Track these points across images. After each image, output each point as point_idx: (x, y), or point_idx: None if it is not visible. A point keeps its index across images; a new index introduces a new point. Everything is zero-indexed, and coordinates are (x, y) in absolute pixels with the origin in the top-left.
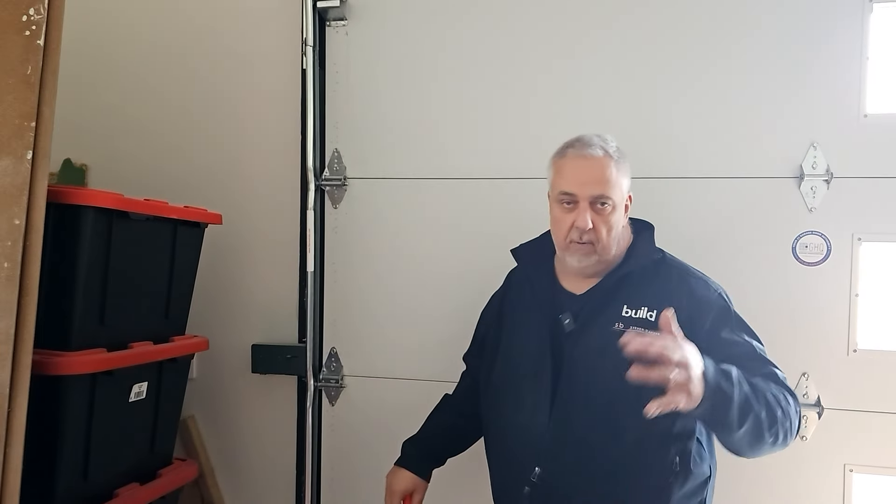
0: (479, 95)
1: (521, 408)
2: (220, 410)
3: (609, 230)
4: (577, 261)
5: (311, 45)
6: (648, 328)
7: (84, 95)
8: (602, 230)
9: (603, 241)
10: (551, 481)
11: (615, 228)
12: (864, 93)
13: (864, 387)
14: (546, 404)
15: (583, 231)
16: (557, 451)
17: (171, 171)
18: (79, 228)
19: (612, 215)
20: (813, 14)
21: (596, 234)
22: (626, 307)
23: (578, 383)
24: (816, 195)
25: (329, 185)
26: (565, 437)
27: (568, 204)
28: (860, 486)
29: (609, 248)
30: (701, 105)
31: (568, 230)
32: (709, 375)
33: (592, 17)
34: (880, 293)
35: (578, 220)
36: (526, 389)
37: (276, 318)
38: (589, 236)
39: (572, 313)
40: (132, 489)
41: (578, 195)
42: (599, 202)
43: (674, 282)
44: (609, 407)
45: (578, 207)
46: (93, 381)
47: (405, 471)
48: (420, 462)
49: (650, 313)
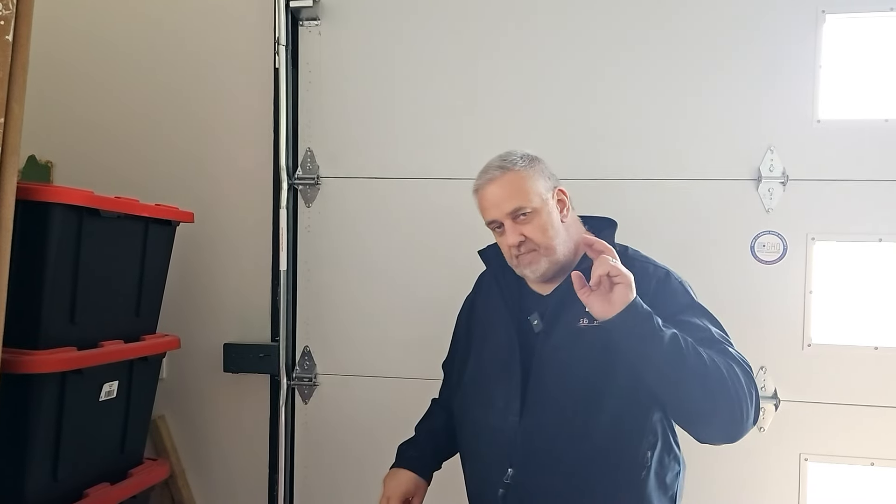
0: (452, 96)
1: (491, 409)
2: (191, 410)
3: (543, 231)
4: (530, 272)
5: (284, 45)
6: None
7: (49, 91)
8: (535, 235)
9: (540, 242)
10: (524, 481)
11: (549, 228)
12: (817, 99)
13: (818, 379)
14: (516, 405)
15: (515, 246)
16: (529, 451)
17: (141, 169)
18: (48, 226)
19: (537, 219)
20: (769, 24)
21: (533, 241)
22: None
23: (547, 382)
24: (773, 197)
25: (302, 183)
26: (536, 436)
27: (498, 228)
28: (815, 475)
29: (552, 248)
30: (662, 109)
31: (509, 250)
32: (640, 302)
33: (555, 23)
34: (833, 290)
35: (508, 239)
36: (496, 391)
37: (249, 316)
38: (525, 247)
39: (540, 314)
40: (102, 489)
41: (498, 217)
42: (519, 214)
43: (637, 274)
44: (579, 404)
45: (505, 228)
46: (62, 381)
47: (407, 472)
48: (422, 462)
49: None
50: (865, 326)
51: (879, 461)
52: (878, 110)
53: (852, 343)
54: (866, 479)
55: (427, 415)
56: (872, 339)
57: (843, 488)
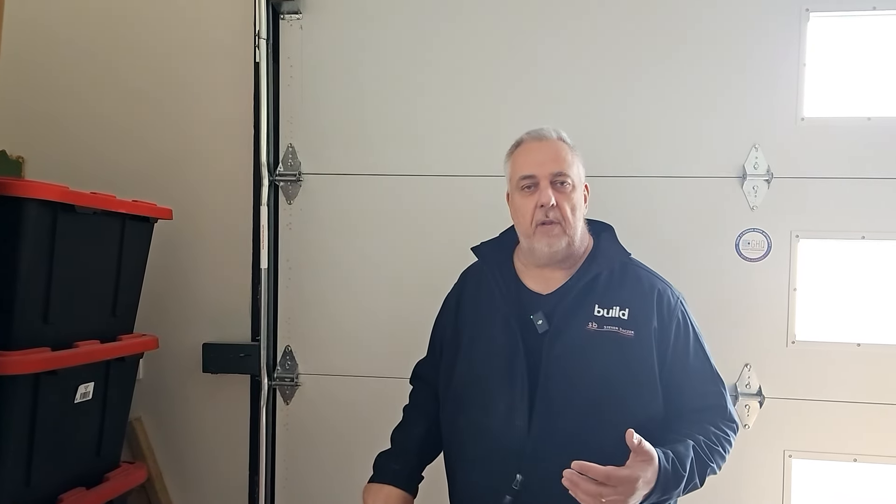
0: (436, 91)
1: (492, 411)
2: (169, 412)
3: (573, 208)
4: (546, 245)
5: (265, 38)
6: (622, 326)
7: (21, 85)
8: (566, 207)
9: (568, 218)
10: (535, 488)
11: (578, 209)
12: (801, 97)
13: (802, 376)
14: (524, 408)
15: (547, 208)
16: (541, 457)
17: (117, 165)
18: (21, 222)
19: (574, 194)
20: (754, 23)
21: (561, 212)
22: (598, 307)
23: (559, 385)
24: (758, 194)
25: (283, 180)
26: (548, 442)
27: (529, 188)
28: (799, 471)
29: (575, 228)
30: (648, 108)
31: (532, 212)
32: (661, 478)
33: (537, 21)
34: (816, 287)
35: (542, 197)
36: (497, 393)
37: (228, 315)
38: (554, 214)
39: (544, 313)
40: (77, 494)
41: (538, 174)
42: (559, 181)
43: (644, 286)
44: (593, 408)
45: (539, 187)
46: (36, 382)
47: (391, 488)
48: (408, 476)
49: (622, 312)
50: (849, 323)
51: (862, 457)
52: (861, 108)
53: (836, 340)
54: (849, 476)
55: (403, 423)
56: (855, 336)
57: (826, 484)
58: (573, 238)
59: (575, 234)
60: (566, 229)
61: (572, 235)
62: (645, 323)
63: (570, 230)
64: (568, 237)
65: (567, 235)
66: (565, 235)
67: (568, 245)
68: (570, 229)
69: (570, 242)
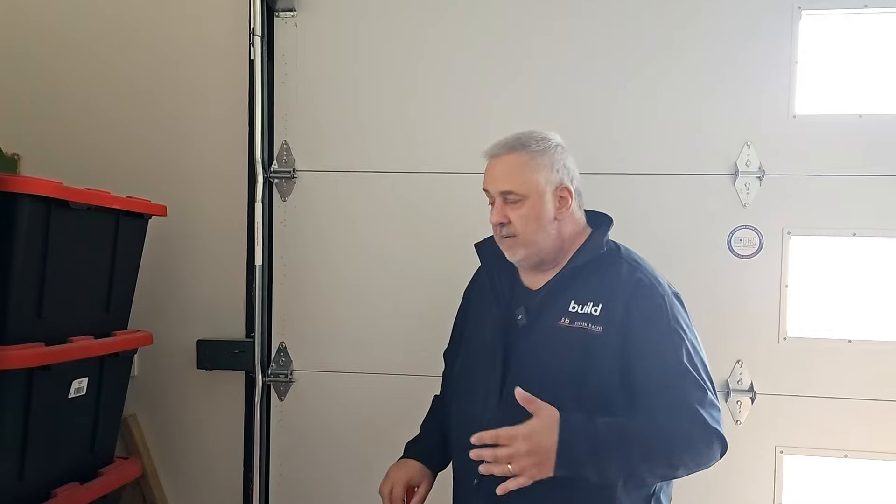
0: (429, 88)
1: (475, 399)
2: (163, 408)
3: (525, 222)
4: (508, 255)
5: (259, 36)
6: (591, 322)
7: (16, 82)
8: (518, 222)
9: (520, 232)
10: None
11: (533, 221)
12: (793, 95)
13: (794, 372)
14: (495, 396)
15: (496, 225)
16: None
17: (112, 162)
18: (15, 217)
19: (525, 207)
20: (746, 21)
21: (513, 227)
22: (574, 302)
23: (524, 377)
24: (750, 191)
25: (278, 177)
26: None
27: (490, 203)
28: (790, 467)
29: (532, 241)
30: (641, 105)
31: (495, 226)
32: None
33: (532, 19)
34: (808, 284)
35: (492, 216)
36: (479, 380)
37: (223, 312)
38: (507, 230)
39: (525, 308)
40: (71, 489)
41: (491, 192)
42: (507, 197)
43: (623, 279)
44: (556, 401)
45: (494, 204)
46: (29, 377)
47: (412, 460)
48: (429, 455)
49: (595, 308)
50: (840, 320)
51: (853, 453)
52: (852, 106)
53: (827, 336)
54: (840, 471)
55: (430, 412)
56: (847, 333)
57: (817, 480)
58: (533, 246)
59: (535, 242)
60: (521, 242)
61: (530, 244)
62: (615, 318)
63: (525, 241)
64: (524, 248)
65: (522, 247)
66: (521, 247)
67: (528, 255)
68: (525, 242)
69: (532, 252)
